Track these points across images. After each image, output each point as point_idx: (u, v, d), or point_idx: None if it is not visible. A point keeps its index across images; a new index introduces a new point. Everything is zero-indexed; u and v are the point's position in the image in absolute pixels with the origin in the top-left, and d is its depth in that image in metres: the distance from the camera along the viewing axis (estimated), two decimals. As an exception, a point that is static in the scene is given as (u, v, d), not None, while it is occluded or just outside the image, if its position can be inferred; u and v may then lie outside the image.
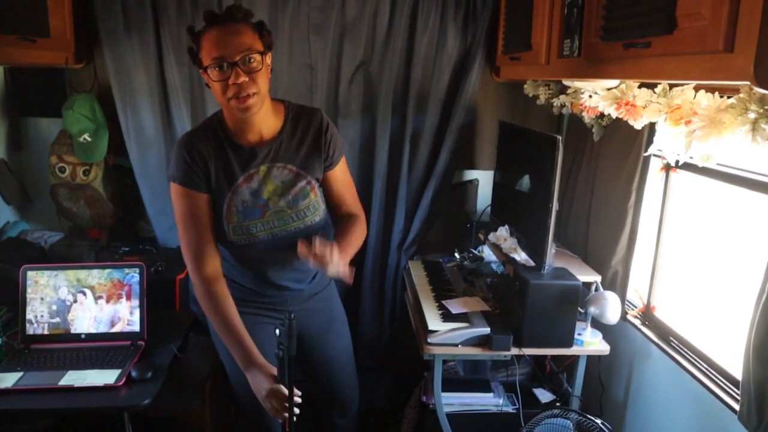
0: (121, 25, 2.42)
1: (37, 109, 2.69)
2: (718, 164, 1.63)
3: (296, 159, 1.74)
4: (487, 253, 2.58)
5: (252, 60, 1.54)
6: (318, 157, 1.77)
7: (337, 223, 1.88)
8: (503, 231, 2.40)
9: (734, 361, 1.71)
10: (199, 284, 1.68)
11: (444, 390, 2.13)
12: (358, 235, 1.79)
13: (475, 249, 2.68)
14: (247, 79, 1.53)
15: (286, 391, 1.52)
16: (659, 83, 1.68)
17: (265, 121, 1.69)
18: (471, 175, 2.93)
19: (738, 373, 1.67)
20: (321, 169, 1.79)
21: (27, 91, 2.65)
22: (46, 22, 2.11)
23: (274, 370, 1.58)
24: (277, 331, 1.46)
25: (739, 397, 1.58)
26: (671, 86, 1.66)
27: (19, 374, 1.78)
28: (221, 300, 1.68)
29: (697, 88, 1.56)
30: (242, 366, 1.64)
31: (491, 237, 2.44)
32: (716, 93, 1.46)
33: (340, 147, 1.83)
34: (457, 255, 2.65)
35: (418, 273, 2.58)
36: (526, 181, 2.29)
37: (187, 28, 1.62)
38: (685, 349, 1.93)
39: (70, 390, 1.73)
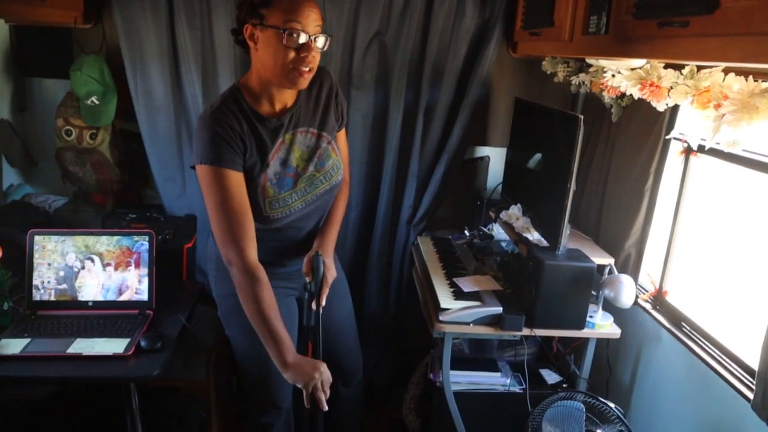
0: (131, -16, 2.35)
1: (42, 69, 2.62)
2: (743, 150, 1.59)
3: (315, 121, 1.75)
4: (498, 231, 2.55)
5: (324, 38, 1.57)
6: (331, 117, 1.80)
7: None
8: (515, 209, 2.37)
9: (748, 348, 1.70)
10: (243, 272, 1.59)
11: (451, 368, 2.12)
12: (342, 211, 1.91)
13: (485, 227, 2.66)
14: (316, 56, 1.56)
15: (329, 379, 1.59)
16: (686, 65, 1.64)
17: (293, 90, 1.67)
18: (482, 151, 2.89)
19: (751, 361, 1.67)
20: (335, 129, 1.81)
21: (33, 51, 2.58)
22: (55, -21, 2.05)
23: (313, 361, 1.60)
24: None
25: (752, 385, 1.57)
26: (699, 68, 1.62)
27: (26, 341, 1.76)
28: (265, 290, 1.60)
29: (726, 71, 1.52)
30: (281, 365, 1.58)
31: (503, 215, 2.41)
32: (750, 77, 1.42)
33: (346, 109, 1.88)
34: (467, 232, 2.63)
35: (427, 249, 2.56)
36: (540, 160, 2.25)
37: None
38: (697, 335, 1.91)
39: (79, 358, 1.71)
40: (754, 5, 1.05)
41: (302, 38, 1.51)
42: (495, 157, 2.87)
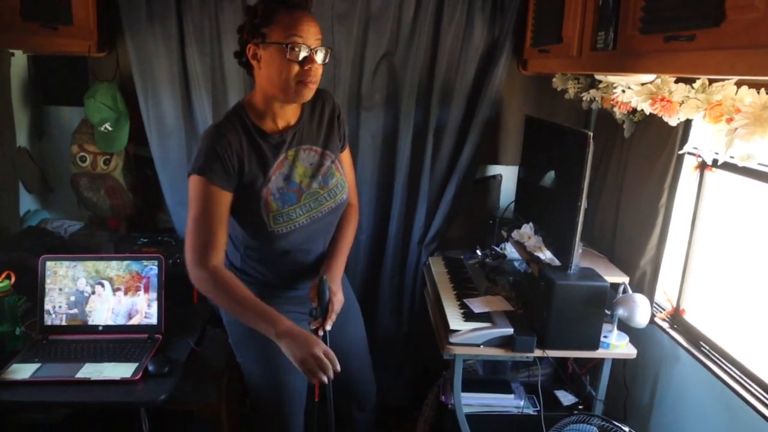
0: (143, 13, 2.38)
1: (59, 97, 2.67)
2: (759, 164, 1.56)
3: (318, 139, 1.78)
4: (510, 250, 2.52)
5: (324, 51, 1.61)
6: (335, 137, 1.82)
7: None
8: (527, 228, 2.34)
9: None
10: (206, 275, 1.59)
11: (463, 390, 2.09)
12: (351, 238, 1.90)
13: (498, 246, 2.62)
14: (319, 68, 1.61)
15: (329, 351, 1.53)
16: (697, 78, 1.62)
17: (296, 107, 1.72)
18: (494, 170, 2.87)
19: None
20: (339, 149, 1.84)
21: (49, 80, 2.63)
22: (69, 10, 2.09)
23: (308, 332, 1.56)
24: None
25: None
26: (710, 82, 1.60)
27: (36, 365, 1.77)
28: (231, 282, 1.61)
29: (738, 84, 1.49)
30: (274, 335, 1.54)
31: (515, 234, 2.38)
32: (762, 90, 1.39)
33: (348, 130, 1.91)
34: (478, 252, 2.59)
35: (438, 270, 2.54)
36: (552, 178, 2.22)
37: (257, 3, 1.61)
38: (717, 355, 1.86)
39: (87, 383, 1.71)
40: (759, 18, 1.04)
41: (304, 51, 1.56)
42: (507, 176, 2.85)
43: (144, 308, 1.98)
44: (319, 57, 1.60)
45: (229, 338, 1.88)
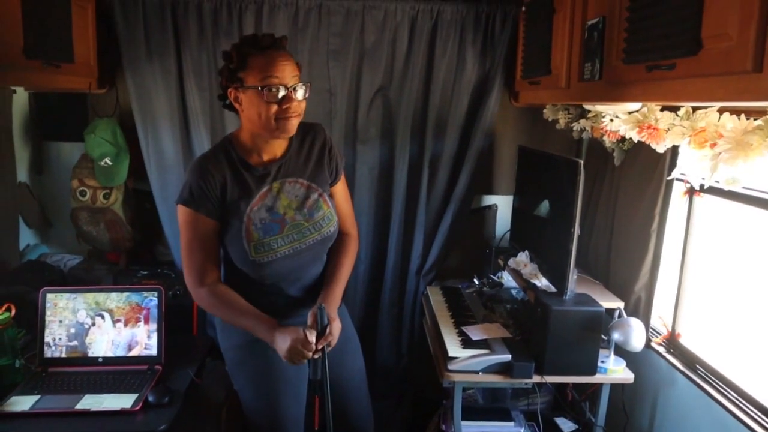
0: (143, 50, 2.45)
1: (59, 133, 2.73)
2: (744, 187, 1.60)
3: (305, 173, 1.80)
4: (507, 279, 2.55)
5: (303, 87, 1.64)
6: (324, 171, 1.83)
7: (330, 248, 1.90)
8: (523, 256, 2.37)
9: (766, 390, 1.66)
10: (204, 292, 1.70)
11: (463, 418, 2.09)
12: (348, 267, 1.88)
13: (495, 275, 2.65)
14: (297, 104, 1.63)
15: (305, 339, 1.57)
16: (682, 106, 1.67)
17: (282, 141, 1.75)
18: (490, 200, 2.92)
19: (769, 403, 1.63)
20: (328, 182, 1.85)
21: (50, 116, 2.69)
22: (70, 48, 2.15)
23: (296, 328, 1.60)
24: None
25: (771, 429, 1.53)
26: (694, 109, 1.64)
27: (36, 397, 1.77)
28: (226, 293, 1.70)
29: (721, 111, 1.54)
30: (268, 339, 1.62)
31: (511, 262, 2.41)
32: (742, 115, 1.44)
33: (341, 162, 1.91)
34: (476, 281, 2.62)
35: (436, 299, 2.56)
36: (546, 206, 2.26)
37: (231, 49, 1.64)
38: (713, 378, 1.87)
39: (87, 414, 1.71)
40: (733, 46, 1.08)
41: (282, 91, 1.59)
42: (502, 205, 2.89)
43: (144, 339, 1.99)
44: (299, 94, 1.63)
45: (226, 365, 1.89)
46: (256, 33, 1.74)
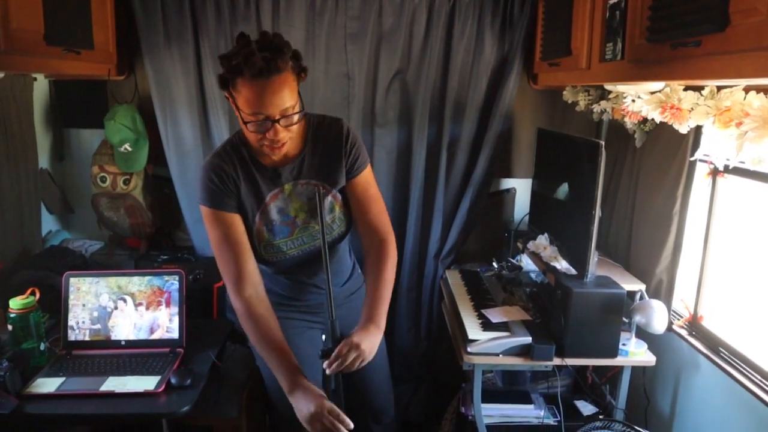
0: (161, 37, 2.46)
1: (79, 120, 2.75)
2: (770, 168, 1.57)
3: (319, 173, 1.74)
4: (526, 262, 2.54)
5: (292, 118, 1.53)
6: (339, 166, 1.75)
7: (366, 258, 1.80)
8: (543, 239, 2.36)
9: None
10: (240, 306, 1.65)
11: (483, 401, 2.09)
12: (388, 275, 1.74)
13: (514, 258, 2.64)
14: (285, 134, 1.54)
15: (335, 409, 1.48)
16: (706, 85, 1.64)
17: (291, 145, 1.66)
18: (508, 183, 2.90)
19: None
20: (343, 178, 1.77)
21: (70, 104, 2.72)
22: (90, 35, 2.16)
23: (320, 392, 1.54)
24: (323, 336, 1.52)
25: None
26: (719, 88, 1.62)
27: (61, 379, 1.80)
28: (264, 321, 1.64)
29: (747, 90, 1.51)
30: (286, 388, 1.57)
31: (530, 245, 2.40)
32: (769, 93, 1.41)
33: (364, 158, 1.79)
34: (495, 264, 2.61)
35: (455, 282, 2.55)
36: (565, 189, 2.24)
37: (223, 59, 1.54)
38: (737, 360, 1.85)
39: (111, 396, 1.74)
40: (763, 20, 1.06)
41: (266, 124, 1.50)
42: (521, 189, 2.87)
43: (165, 323, 2.01)
44: (284, 124, 1.52)
45: (248, 341, 1.89)
46: (251, 46, 1.49)
